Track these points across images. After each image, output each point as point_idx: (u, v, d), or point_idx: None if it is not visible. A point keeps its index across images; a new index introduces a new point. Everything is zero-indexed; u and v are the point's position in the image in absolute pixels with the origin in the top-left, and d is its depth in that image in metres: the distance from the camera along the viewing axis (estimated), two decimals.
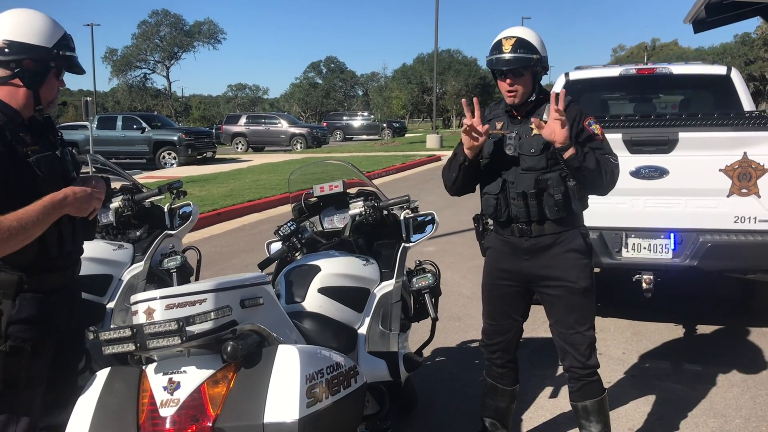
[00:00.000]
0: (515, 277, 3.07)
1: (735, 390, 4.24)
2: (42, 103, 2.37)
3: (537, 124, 2.77)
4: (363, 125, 44.52)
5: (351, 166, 3.81)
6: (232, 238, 9.82)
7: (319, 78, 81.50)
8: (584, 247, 3.00)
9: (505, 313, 3.15)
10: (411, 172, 19.74)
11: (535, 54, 2.85)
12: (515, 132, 2.95)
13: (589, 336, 3.00)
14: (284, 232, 3.34)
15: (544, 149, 2.87)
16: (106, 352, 2.03)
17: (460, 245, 8.57)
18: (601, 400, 3.09)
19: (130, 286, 3.97)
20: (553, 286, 2.99)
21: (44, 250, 2.28)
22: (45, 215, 2.19)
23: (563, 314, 3.00)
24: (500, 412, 3.33)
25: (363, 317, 3.17)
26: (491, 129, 2.99)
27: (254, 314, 2.31)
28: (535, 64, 2.85)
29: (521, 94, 2.89)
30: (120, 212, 4.21)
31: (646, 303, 5.24)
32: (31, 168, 2.24)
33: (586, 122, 2.90)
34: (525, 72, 2.86)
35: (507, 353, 3.23)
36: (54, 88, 2.41)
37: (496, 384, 3.29)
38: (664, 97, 7.88)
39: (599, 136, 2.90)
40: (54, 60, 2.34)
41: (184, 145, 22.94)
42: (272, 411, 2.00)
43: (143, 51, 68.30)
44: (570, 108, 2.90)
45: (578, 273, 2.96)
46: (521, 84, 2.87)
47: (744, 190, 4.59)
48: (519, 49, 2.83)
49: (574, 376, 3.06)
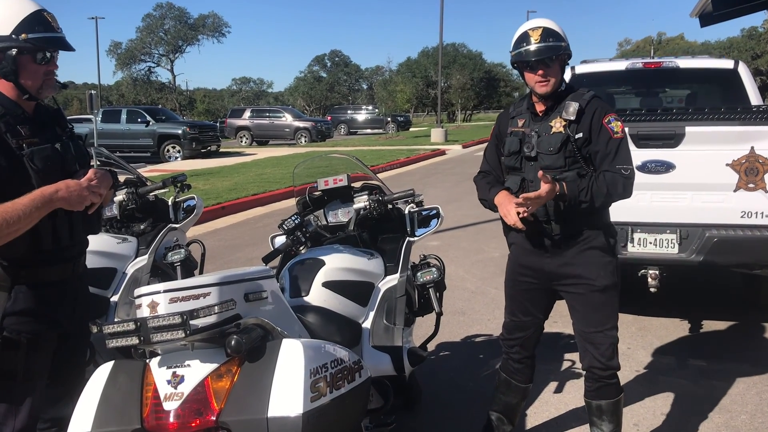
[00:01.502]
0: (537, 274, 3.04)
1: (741, 385, 4.22)
2: (30, 92, 2.30)
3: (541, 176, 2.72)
4: (367, 119, 44.49)
5: (356, 160, 3.80)
6: (236, 231, 9.82)
7: (324, 72, 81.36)
8: (606, 245, 2.94)
9: (526, 309, 3.12)
10: (415, 167, 19.72)
11: (562, 42, 2.87)
12: (535, 130, 2.93)
13: (611, 336, 2.94)
14: (288, 226, 3.33)
15: (562, 147, 2.84)
16: (110, 346, 2.02)
17: (464, 240, 8.56)
18: (617, 402, 3.04)
19: (134, 279, 3.97)
20: (574, 284, 2.96)
21: (38, 243, 2.25)
22: (33, 209, 2.14)
23: (585, 313, 2.96)
24: (509, 408, 3.32)
25: (367, 311, 3.16)
26: (514, 126, 3.00)
27: (258, 308, 2.30)
28: (563, 52, 2.87)
29: (553, 83, 2.87)
30: (124, 205, 4.20)
31: (652, 298, 5.23)
32: (24, 161, 2.20)
33: (605, 120, 2.86)
34: (554, 61, 2.86)
35: (525, 349, 3.20)
36: (37, 73, 2.30)
37: (510, 379, 3.27)
38: (671, 91, 7.82)
39: (619, 134, 2.85)
40: (16, 46, 2.22)
41: (189, 138, 22.93)
42: (276, 405, 1.99)
43: (148, 44, 68.34)
44: (591, 103, 2.89)
45: (599, 271, 2.91)
46: (552, 73, 2.86)
47: (751, 184, 4.56)
48: (548, 38, 2.84)
49: (593, 377, 3.00)
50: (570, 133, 2.84)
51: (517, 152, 2.96)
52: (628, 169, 2.83)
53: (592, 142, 2.85)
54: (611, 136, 2.84)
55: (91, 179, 2.31)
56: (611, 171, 2.81)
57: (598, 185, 2.78)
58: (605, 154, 2.83)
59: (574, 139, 2.83)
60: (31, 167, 2.22)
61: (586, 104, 2.87)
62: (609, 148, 2.83)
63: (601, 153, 2.84)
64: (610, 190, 2.79)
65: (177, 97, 69.17)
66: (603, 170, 2.83)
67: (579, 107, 2.85)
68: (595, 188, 2.77)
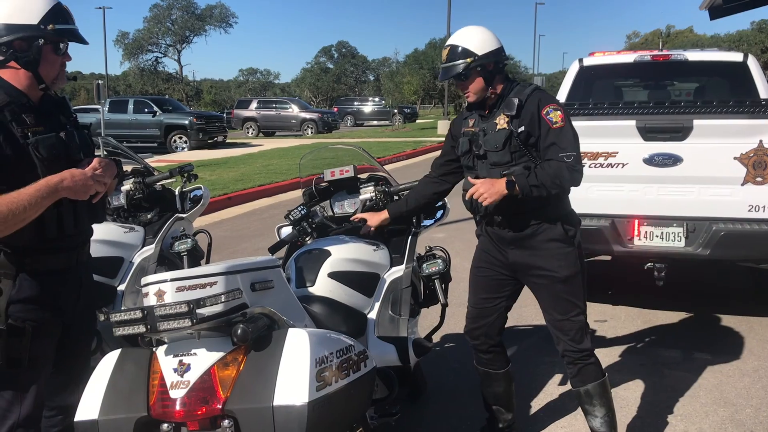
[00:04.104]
0: (502, 265, 3.14)
1: (746, 379, 4.22)
2: (46, 81, 2.32)
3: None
4: (374, 111, 44.37)
5: (362, 151, 3.80)
6: (242, 222, 9.84)
7: (331, 63, 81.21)
8: (564, 235, 3.00)
9: (488, 296, 3.21)
10: (422, 158, 19.67)
11: (468, 57, 2.93)
12: (483, 129, 3.01)
13: (578, 321, 3.04)
14: (295, 217, 3.33)
15: (506, 143, 2.91)
16: (117, 334, 2.03)
17: (469, 232, 8.49)
18: (602, 383, 3.11)
19: (141, 268, 3.99)
20: (537, 275, 3.05)
21: (42, 232, 2.25)
22: (39, 199, 2.14)
23: (550, 302, 3.07)
24: (500, 397, 3.35)
25: (373, 302, 3.17)
26: (464, 127, 3.12)
27: (264, 297, 2.31)
28: (474, 66, 2.92)
29: (474, 94, 3.00)
30: (131, 195, 4.21)
31: (658, 291, 5.22)
32: (29, 150, 2.20)
33: (543, 111, 2.90)
34: (468, 75, 2.94)
35: (490, 338, 3.25)
36: (55, 64, 2.34)
37: (488, 370, 3.32)
38: (679, 84, 7.78)
39: (558, 123, 2.88)
40: (42, 36, 2.25)
41: (195, 129, 22.93)
42: (282, 394, 2.00)
43: (155, 34, 68.31)
44: (531, 96, 2.94)
45: (559, 262, 2.99)
46: (469, 85, 2.98)
47: (759, 178, 4.53)
48: (453, 58, 2.97)
49: (570, 360, 3.10)
50: (513, 128, 2.90)
51: (468, 152, 3.08)
52: (571, 156, 2.86)
53: (533, 135, 2.90)
54: (550, 126, 2.88)
55: (96, 168, 2.32)
56: (555, 159, 2.86)
57: (543, 171, 2.83)
58: (547, 144, 2.88)
59: (517, 133, 2.89)
60: (36, 156, 2.23)
61: (526, 98, 2.92)
62: (549, 139, 2.88)
63: (542, 144, 2.90)
64: (557, 177, 2.83)
65: (184, 87, 69.18)
66: (546, 159, 2.88)
67: (519, 102, 2.92)
68: (541, 174, 2.82)
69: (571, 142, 2.88)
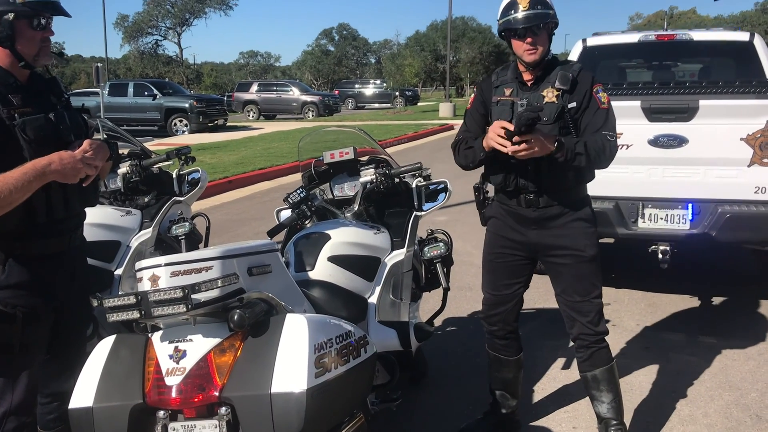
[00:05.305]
0: (521, 247, 3.06)
1: (751, 363, 4.18)
2: (26, 59, 2.24)
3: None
4: (375, 93, 44.15)
5: (362, 133, 3.73)
6: (242, 205, 9.79)
7: (332, 45, 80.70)
8: (591, 215, 3.00)
9: (507, 282, 3.13)
10: (423, 141, 19.60)
11: (550, 9, 2.84)
12: (525, 99, 2.90)
13: (597, 303, 3.01)
14: (294, 200, 3.27)
15: (558, 118, 2.83)
16: (111, 320, 1.98)
17: (472, 215, 8.44)
18: (611, 368, 3.07)
19: (138, 252, 3.94)
20: (561, 255, 2.98)
21: (31, 216, 2.20)
22: (25, 183, 2.08)
23: (572, 283, 3.00)
24: (508, 383, 3.30)
25: (373, 286, 3.12)
26: (500, 95, 2.98)
27: (262, 282, 2.26)
28: (551, 20, 2.84)
29: (541, 51, 2.85)
30: (128, 178, 4.16)
31: (662, 274, 5.17)
32: (14, 131, 2.14)
33: (594, 90, 2.88)
34: (542, 29, 2.83)
35: (507, 324, 3.20)
36: (33, 39, 2.24)
37: (499, 356, 3.27)
38: (683, 65, 7.69)
39: (605, 104, 2.88)
40: (12, 11, 2.17)
41: (196, 112, 22.82)
42: (280, 381, 1.96)
43: (154, 17, 67.80)
44: (583, 73, 2.90)
45: (586, 241, 2.96)
46: (540, 41, 2.84)
47: (766, 159, 4.47)
48: (537, 5, 2.80)
49: (584, 344, 3.05)
50: (564, 103, 2.84)
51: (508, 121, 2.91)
52: (613, 136, 2.85)
53: (582, 112, 2.86)
54: (599, 106, 2.86)
55: (86, 151, 2.25)
56: (599, 135, 2.83)
57: (592, 140, 2.79)
58: (594, 123, 2.85)
59: (568, 108, 2.84)
60: (23, 137, 2.16)
61: (577, 74, 2.88)
62: (597, 117, 2.85)
63: (589, 122, 2.86)
64: (601, 152, 2.80)
65: (184, 70, 68.80)
66: (591, 133, 2.84)
67: (572, 77, 2.85)
68: (589, 143, 2.77)
69: (613, 124, 2.88)
